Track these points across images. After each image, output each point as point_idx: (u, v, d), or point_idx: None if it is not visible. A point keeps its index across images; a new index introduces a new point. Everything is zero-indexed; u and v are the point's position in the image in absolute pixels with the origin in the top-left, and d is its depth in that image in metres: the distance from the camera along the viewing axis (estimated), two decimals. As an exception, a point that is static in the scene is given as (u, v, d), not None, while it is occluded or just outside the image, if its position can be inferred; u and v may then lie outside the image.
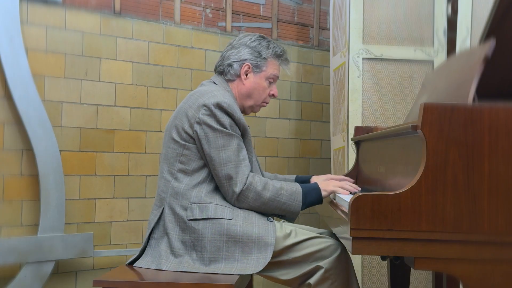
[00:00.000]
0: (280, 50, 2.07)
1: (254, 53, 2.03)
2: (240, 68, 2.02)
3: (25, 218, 2.68)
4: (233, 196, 1.85)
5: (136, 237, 3.00)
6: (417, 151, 1.49)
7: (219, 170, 1.84)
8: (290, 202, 1.88)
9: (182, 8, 3.21)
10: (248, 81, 2.03)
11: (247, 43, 2.04)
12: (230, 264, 1.79)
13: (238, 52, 2.03)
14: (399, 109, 3.01)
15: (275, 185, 1.88)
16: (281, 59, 2.07)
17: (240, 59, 2.02)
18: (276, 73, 2.07)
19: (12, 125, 2.64)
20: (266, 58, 2.04)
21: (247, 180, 1.85)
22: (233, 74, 2.03)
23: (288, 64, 2.11)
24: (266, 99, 2.09)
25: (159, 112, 3.09)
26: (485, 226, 1.40)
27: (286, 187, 1.89)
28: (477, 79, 1.53)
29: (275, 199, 1.87)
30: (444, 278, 2.28)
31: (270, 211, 1.90)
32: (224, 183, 1.85)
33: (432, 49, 3.02)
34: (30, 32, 2.70)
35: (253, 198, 1.85)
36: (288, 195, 1.88)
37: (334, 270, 1.83)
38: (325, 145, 3.70)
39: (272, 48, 2.05)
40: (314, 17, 3.74)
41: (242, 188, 1.84)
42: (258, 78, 2.04)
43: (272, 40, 2.09)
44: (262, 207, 1.87)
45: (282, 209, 1.89)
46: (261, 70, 2.04)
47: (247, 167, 1.88)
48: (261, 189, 1.85)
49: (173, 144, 1.91)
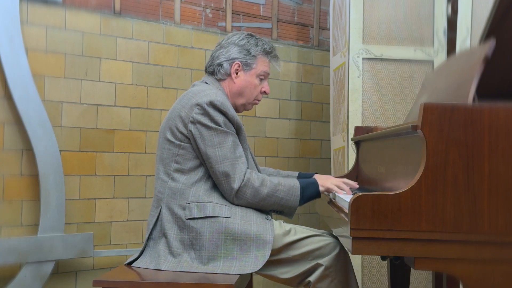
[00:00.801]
0: (269, 47, 2.07)
1: (243, 52, 2.03)
2: (230, 67, 2.03)
3: (25, 218, 2.68)
4: (231, 193, 1.85)
5: (136, 237, 3.00)
6: (417, 151, 1.49)
7: (216, 167, 1.84)
8: (288, 197, 1.89)
9: (182, 8, 3.21)
10: (239, 79, 2.04)
11: (235, 41, 2.04)
12: (228, 262, 1.79)
13: (227, 51, 2.03)
14: (399, 109, 3.01)
15: (273, 181, 1.89)
16: (270, 56, 2.07)
17: (230, 58, 2.03)
18: (266, 70, 2.07)
19: (12, 125, 2.64)
20: (256, 56, 2.04)
21: (244, 177, 1.85)
22: (223, 73, 2.04)
23: (278, 61, 2.11)
24: (258, 96, 2.09)
25: (159, 112, 3.09)
26: (485, 226, 1.40)
27: (284, 183, 1.90)
28: (477, 79, 1.53)
29: (273, 195, 1.87)
30: (444, 278, 2.28)
31: (269, 207, 1.90)
32: (222, 181, 1.85)
33: (432, 49, 3.02)
34: (30, 32, 2.70)
35: (251, 194, 1.85)
36: (286, 190, 1.89)
37: (333, 268, 1.84)
38: (325, 145, 3.70)
39: (261, 46, 2.05)
40: (314, 17, 3.74)
41: (240, 185, 1.84)
42: (249, 76, 2.04)
43: (261, 38, 2.09)
44: (261, 203, 1.88)
45: (280, 205, 1.90)
46: (251, 68, 2.04)
47: (244, 164, 1.88)
48: (259, 185, 1.86)
49: (168, 145, 1.92)
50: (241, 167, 1.86)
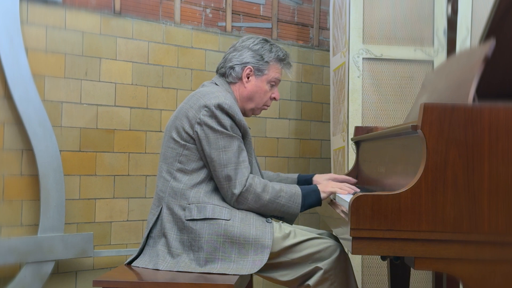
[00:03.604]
0: (283, 54, 2.07)
1: (257, 57, 2.02)
2: (242, 71, 2.02)
3: (25, 218, 2.68)
4: (232, 197, 1.85)
5: (136, 237, 3.00)
6: (417, 151, 1.49)
7: (219, 171, 1.84)
8: (289, 204, 1.88)
9: (182, 8, 3.21)
10: (250, 84, 2.03)
11: (249, 46, 2.03)
12: (226, 264, 1.79)
13: (240, 55, 2.03)
14: (399, 109, 3.01)
15: (275, 187, 1.88)
16: (283, 63, 2.07)
17: (242, 62, 2.02)
18: (278, 76, 2.07)
19: (12, 125, 2.64)
20: (268, 62, 2.03)
21: (246, 182, 1.84)
22: (234, 76, 2.03)
23: (290, 68, 2.10)
24: (267, 102, 2.09)
25: (159, 112, 3.09)
26: (485, 226, 1.40)
27: (286, 189, 1.89)
28: (477, 79, 1.53)
29: (274, 201, 1.87)
30: (444, 278, 2.28)
31: (269, 213, 1.90)
32: (224, 184, 1.85)
33: (432, 49, 3.02)
34: (30, 32, 2.70)
35: (252, 199, 1.85)
36: (288, 197, 1.88)
37: (333, 271, 1.83)
38: (325, 145, 3.70)
39: (275, 52, 2.04)
40: (314, 17, 3.74)
41: (241, 190, 1.84)
42: (260, 82, 2.04)
43: (275, 44, 2.09)
44: (262, 208, 1.87)
45: (281, 211, 1.89)
46: (263, 73, 2.03)
47: (247, 169, 1.87)
48: (261, 191, 1.85)
49: (172, 144, 1.91)
50: (244, 172, 1.86)
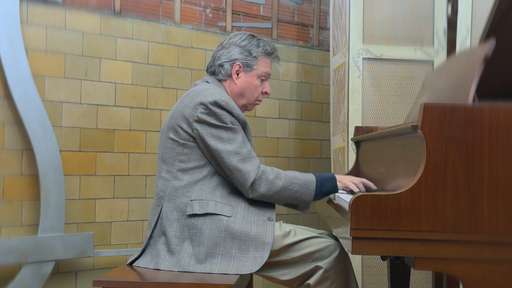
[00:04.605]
0: (271, 47, 2.06)
1: (245, 52, 2.02)
2: (231, 68, 2.02)
3: (25, 218, 2.68)
4: (245, 186, 1.84)
5: (136, 237, 3.00)
6: (417, 151, 1.49)
7: (228, 162, 1.84)
8: (302, 191, 1.87)
9: (182, 8, 3.21)
10: (240, 80, 2.03)
11: (237, 42, 2.03)
12: (226, 260, 1.79)
13: (228, 52, 2.02)
14: (399, 109, 3.01)
15: (288, 174, 1.88)
16: (271, 57, 2.06)
17: (231, 59, 2.02)
18: (267, 70, 2.06)
19: (12, 125, 2.64)
20: (257, 57, 2.03)
21: (259, 170, 1.84)
22: (224, 74, 2.03)
23: (279, 61, 2.10)
24: (259, 97, 2.08)
25: (159, 112, 3.09)
26: (485, 226, 1.40)
27: (299, 176, 1.89)
28: (477, 79, 1.53)
29: (287, 188, 1.86)
30: (444, 278, 2.28)
31: (283, 200, 1.89)
32: (236, 175, 1.84)
33: (432, 49, 3.02)
34: (30, 32, 2.70)
35: (265, 187, 1.84)
36: (301, 183, 1.87)
37: (333, 270, 1.83)
38: (325, 145, 3.70)
39: (262, 46, 2.04)
40: (314, 17, 3.74)
41: (255, 178, 1.83)
42: (250, 77, 2.04)
43: (262, 38, 2.08)
44: (275, 196, 1.86)
45: (295, 198, 1.88)
46: (252, 69, 2.03)
47: (256, 158, 1.88)
48: (273, 178, 1.85)
49: (171, 144, 1.91)
50: (254, 161, 1.86)
